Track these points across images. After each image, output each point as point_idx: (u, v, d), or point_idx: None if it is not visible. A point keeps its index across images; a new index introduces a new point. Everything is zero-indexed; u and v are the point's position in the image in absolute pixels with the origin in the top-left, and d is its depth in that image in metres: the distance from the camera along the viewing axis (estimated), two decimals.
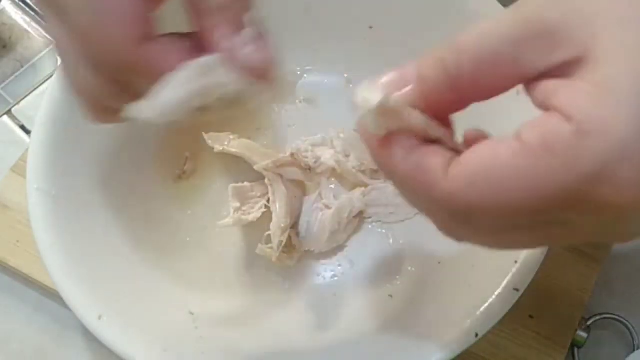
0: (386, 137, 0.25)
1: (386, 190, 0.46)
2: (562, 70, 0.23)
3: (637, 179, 0.22)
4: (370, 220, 0.46)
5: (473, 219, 0.24)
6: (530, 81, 0.24)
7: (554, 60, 0.23)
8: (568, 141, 0.22)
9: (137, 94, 0.30)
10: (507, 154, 0.23)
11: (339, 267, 0.45)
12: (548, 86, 0.23)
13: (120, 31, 0.28)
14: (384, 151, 0.26)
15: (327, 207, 0.45)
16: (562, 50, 0.23)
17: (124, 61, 0.28)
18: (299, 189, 0.46)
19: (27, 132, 0.56)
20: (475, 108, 0.26)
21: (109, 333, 0.38)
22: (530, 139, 0.23)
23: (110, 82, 0.30)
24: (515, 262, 0.37)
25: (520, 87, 0.25)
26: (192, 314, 0.42)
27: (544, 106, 0.23)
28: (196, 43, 0.29)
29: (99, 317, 0.38)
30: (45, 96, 0.44)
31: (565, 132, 0.22)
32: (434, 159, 0.25)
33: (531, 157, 0.22)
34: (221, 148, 0.47)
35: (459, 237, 0.27)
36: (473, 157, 0.24)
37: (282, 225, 0.43)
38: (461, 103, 0.26)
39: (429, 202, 0.26)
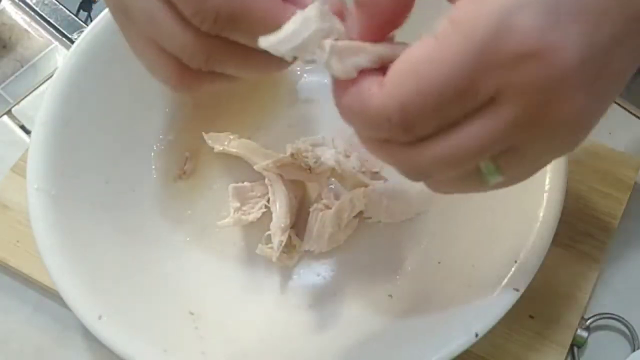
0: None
1: (386, 190, 0.46)
2: None
3: (536, 24, 0.23)
4: (370, 220, 0.46)
5: (408, 122, 0.25)
6: None
7: None
8: (470, 9, 0.24)
9: (227, 54, 0.29)
10: (423, 46, 0.25)
11: (339, 267, 0.45)
12: None
13: None
14: (339, 92, 0.27)
15: (327, 207, 0.45)
16: None
17: (227, 6, 0.28)
18: (299, 189, 0.46)
19: (27, 132, 0.56)
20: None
21: (109, 333, 0.38)
22: (441, 26, 0.24)
23: (202, 37, 0.29)
24: (515, 262, 0.37)
25: None
26: (192, 314, 0.42)
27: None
28: None
29: (99, 317, 0.38)
30: (45, 96, 0.44)
31: (467, 4, 0.24)
32: (368, 81, 0.26)
33: (444, 38, 0.24)
34: (221, 148, 0.47)
35: (418, 166, 0.27)
36: (397, 62, 0.25)
37: (282, 225, 0.43)
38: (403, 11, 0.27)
39: (370, 124, 0.26)
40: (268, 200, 0.45)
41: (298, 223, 0.45)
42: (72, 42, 0.60)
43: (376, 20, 0.27)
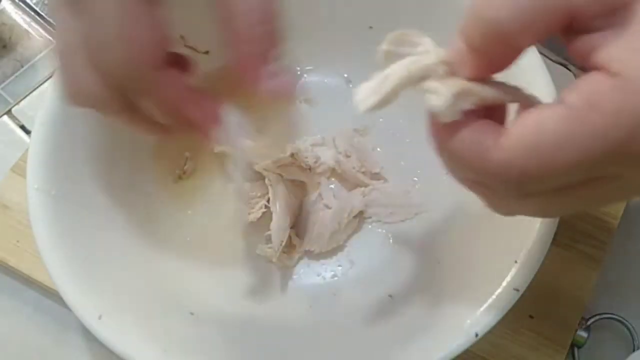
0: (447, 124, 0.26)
1: (386, 190, 0.46)
2: (610, 15, 0.23)
3: None
4: (370, 220, 0.46)
5: (524, 185, 0.25)
6: (571, 31, 0.24)
7: (602, 4, 0.23)
8: (613, 98, 0.23)
9: (132, 107, 0.30)
10: (554, 118, 0.24)
11: (339, 267, 0.45)
12: (593, 39, 0.24)
13: (143, 52, 0.28)
14: (444, 135, 0.26)
15: (327, 207, 0.45)
16: None
17: (137, 80, 0.29)
18: (299, 189, 0.46)
19: (27, 132, 0.56)
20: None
21: (109, 333, 0.38)
22: (575, 101, 0.23)
23: (113, 93, 0.30)
24: (515, 262, 0.37)
25: None
26: (192, 314, 0.42)
27: (588, 60, 0.24)
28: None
29: (99, 317, 0.38)
30: (45, 96, 0.44)
31: (610, 89, 0.23)
32: (484, 132, 0.26)
33: (577, 118, 0.23)
34: (221, 148, 0.47)
35: (511, 210, 0.28)
36: (522, 127, 0.24)
37: (282, 225, 0.43)
38: (513, 53, 0.25)
39: (482, 175, 0.26)
40: (268, 200, 0.45)
41: (298, 223, 0.45)
42: None
43: (486, 61, 0.26)
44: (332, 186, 0.46)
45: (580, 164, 0.24)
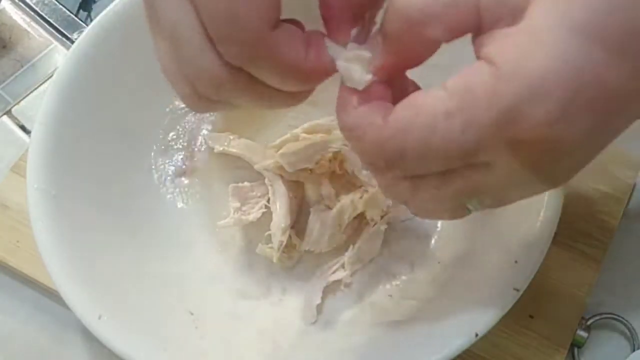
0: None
1: None
2: (511, 18, 0.25)
3: (546, 119, 0.24)
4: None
5: (409, 165, 0.27)
6: (478, 33, 0.26)
7: (506, 8, 0.25)
8: (486, 83, 0.24)
9: (246, 86, 0.29)
10: (431, 99, 0.26)
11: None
12: (484, 37, 0.26)
13: (256, 12, 0.27)
14: (347, 111, 0.28)
15: (328, 207, 0.45)
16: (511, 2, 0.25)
17: (254, 44, 0.27)
18: (299, 189, 0.46)
19: (27, 132, 0.56)
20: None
21: (109, 333, 0.38)
22: (454, 84, 0.25)
23: (225, 67, 0.28)
24: (516, 262, 0.37)
25: None
26: (191, 314, 0.42)
27: (476, 55, 0.26)
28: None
29: (99, 317, 0.38)
30: (45, 96, 0.44)
31: (485, 75, 0.25)
32: (377, 110, 0.27)
33: (454, 100, 0.25)
34: (221, 148, 0.47)
35: (402, 196, 0.29)
36: (404, 106, 0.26)
37: (283, 225, 0.43)
38: (425, 47, 0.27)
39: (373, 153, 0.28)
40: (268, 200, 0.45)
41: (298, 223, 0.45)
42: (72, 42, 0.60)
43: (399, 52, 0.28)
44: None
45: (453, 146, 0.25)
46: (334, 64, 0.29)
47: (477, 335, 0.35)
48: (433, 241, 0.44)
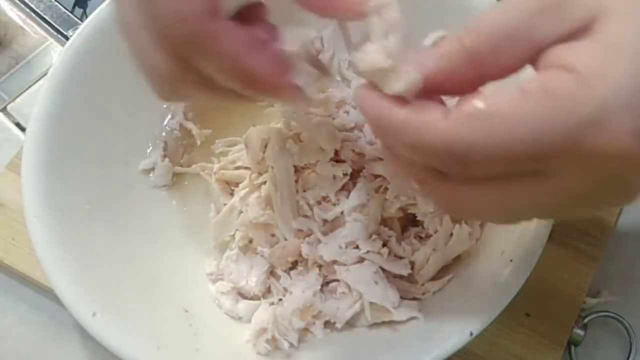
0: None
1: None
2: (572, 37, 0.24)
3: (633, 129, 0.23)
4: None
5: (470, 163, 0.25)
6: (540, 54, 0.25)
7: (566, 27, 0.24)
8: (568, 88, 0.23)
9: (198, 76, 0.29)
10: (507, 98, 0.24)
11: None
12: (554, 51, 0.24)
13: (194, 5, 0.27)
14: (387, 105, 0.26)
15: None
16: (572, 16, 0.24)
17: (191, 33, 0.28)
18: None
19: (23, 129, 0.56)
20: None
21: (103, 330, 0.37)
22: (531, 87, 0.24)
23: (174, 59, 0.29)
24: (511, 260, 0.37)
25: None
26: (186, 311, 0.42)
27: (546, 63, 0.25)
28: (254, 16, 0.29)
29: (93, 314, 0.38)
30: (40, 93, 0.44)
31: (566, 80, 0.23)
32: (431, 106, 0.26)
33: (532, 101, 0.23)
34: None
35: (453, 199, 0.27)
36: (472, 103, 0.25)
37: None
38: (478, 80, 0.26)
39: (425, 150, 0.25)
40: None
41: None
42: (67, 38, 0.60)
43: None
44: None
45: (528, 147, 0.24)
46: (284, 67, 0.28)
47: (472, 334, 0.35)
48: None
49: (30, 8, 0.62)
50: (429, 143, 0.25)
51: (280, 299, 0.42)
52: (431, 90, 0.27)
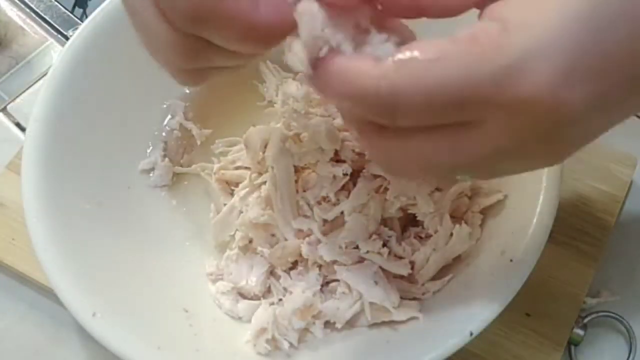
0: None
1: None
2: None
3: (553, 80, 0.23)
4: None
5: (397, 112, 0.25)
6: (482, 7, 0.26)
7: None
8: (493, 35, 0.24)
9: (212, 53, 0.29)
10: (436, 45, 0.24)
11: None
12: (491, 6, 0.25)
13: None
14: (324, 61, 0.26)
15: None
16: None
17: (202, 8, 0.27)
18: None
19: (23, 129, 0.56)
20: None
21: (103, 330, 0.37)
22: (461, 36, 0.24)
23: (184, 37, 0.28)
24: (511, 260, 0.37)
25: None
26: (186, 311, 0.42)
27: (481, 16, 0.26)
28: None
29: (93, 314, 0.38)
30: (39, 93, 0.44)
31: (492, 28, 0.24)
32: (363, 56, 0.26)
33: (458, 47, 0.24)
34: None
35: (388, 155, 0.28)
36: (402, 52, 0.25)
37: None
38: (418, 13, 0.27)
39: (356, 96, 0.26)
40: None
41: None
42: (67, 39, 0.60)
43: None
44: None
45: (451, 93, 0.24)
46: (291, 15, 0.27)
47: (472, 334, 0.35)
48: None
49: (30, 8, 0.62)
50: (358, 89, 0.25)
51: (280, 299, 0.42)
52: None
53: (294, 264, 0.43)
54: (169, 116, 0.49)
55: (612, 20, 0.24)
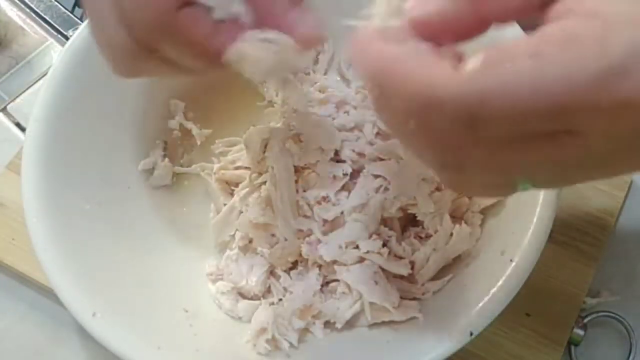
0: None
1: None
2: None
3: None
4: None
5: (479, 123, 0.22)
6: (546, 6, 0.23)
7: None
8: (596, 32, 0.21)
9: (159, 62, 0.30)
10: (523, 47, 0.21)
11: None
12: (567, 2, 0.22)
13: None
14: (378, 43, 0.23)
15: None
16: None
17: (159, 22, 0.28)
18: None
19: (23, 129, 0.56)
20: None
21: (103, 330, 0.37)
22: (550, 32, 0.22)
23: (139, 43, 0.29)
24: (511, 260, 0.37)
25: None
26: (186, 311, 0.42)
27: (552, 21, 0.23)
28: None
29: (93, 314, 0.38)
30: (39, 93, 0.44)
31: (592, 25, 0.21)
32: (436, 52, 0.23)
33: (554, 46, 0.21)
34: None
35: (458, 164, 0.24)
36: (485, 53, 0.22)
37: None
38: (479, 23, 0.24)
39: (429, 106, 0.22)
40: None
41: None
42: (67, 38, 0.60)
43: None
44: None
45: (552, 98, 0.21)
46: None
47: (472, 334, 0.35)
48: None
49: (30, 8, 0.62)
50: (432, 100, 0.22)
51: (280, 299, 0.42)
52: (427, 37, 0.24)
53: (294, 264, 0.43)
54: (169, 116, 0.49)
55: None
